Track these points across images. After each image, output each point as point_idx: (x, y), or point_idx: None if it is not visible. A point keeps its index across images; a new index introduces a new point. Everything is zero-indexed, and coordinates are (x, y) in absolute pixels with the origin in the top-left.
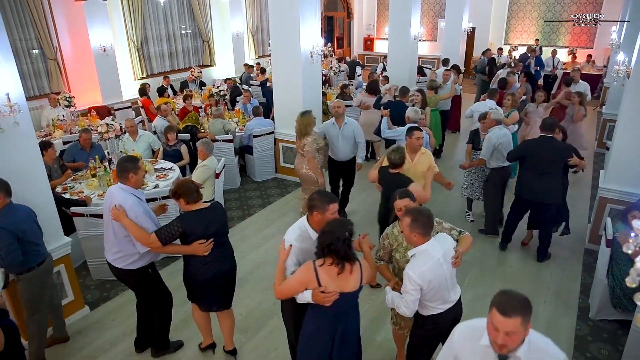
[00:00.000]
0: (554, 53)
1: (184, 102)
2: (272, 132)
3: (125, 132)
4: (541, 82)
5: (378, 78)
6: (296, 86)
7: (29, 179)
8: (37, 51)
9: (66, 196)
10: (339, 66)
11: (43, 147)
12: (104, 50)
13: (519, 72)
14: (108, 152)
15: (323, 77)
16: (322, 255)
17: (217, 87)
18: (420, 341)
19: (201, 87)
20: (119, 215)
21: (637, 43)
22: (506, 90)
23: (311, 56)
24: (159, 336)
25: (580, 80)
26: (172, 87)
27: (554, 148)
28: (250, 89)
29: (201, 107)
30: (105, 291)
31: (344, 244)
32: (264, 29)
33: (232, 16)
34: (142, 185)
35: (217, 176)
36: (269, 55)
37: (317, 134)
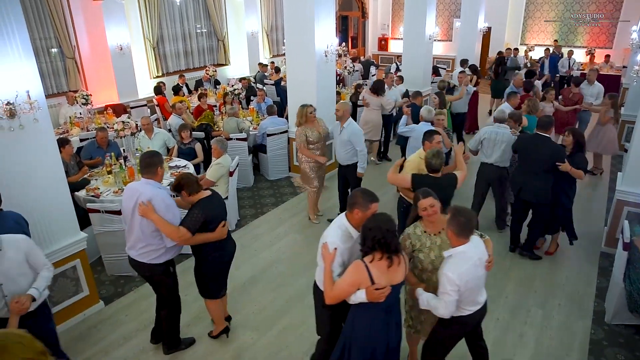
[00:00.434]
0: (570, 54)
1: (199, 101)
2: (286, 131)
3: (140, 130)
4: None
5: (393, 77)
6: (310, 85)
7: (47, 175)
8: (56, 50)
9: (82, 192)
10: (353, 66)
11: (61, 144)
12: (121, 49)
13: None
14: (124, 150)
15: (337, 77)
16: (371, 251)
17: (232, 86)
18: (443, 341)
19: (216, 86)
20: (148, 211)
21: None
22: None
23: (325, 55)
24: (169, 334)
25: (596, 81)
26: (187, 86)
27: (545, 148)
28: (264, 88)
29: (215, 106)
30: (119, 287)
31: (394, 237)
32: (279, 28)
33: (247, 15)
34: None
35: (231, 174)
36: (283, 54)
37: (308, 128)
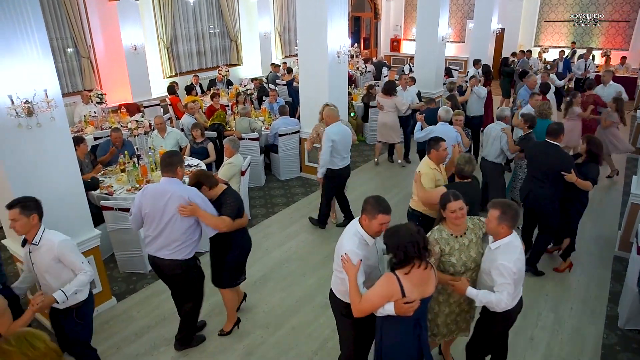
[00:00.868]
0: (587, 55)
1: (211, 101)
2: (298, 132)
3: (154, 129)
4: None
5: (407, 79)
6: (322, 86)
7: (63, 172)
8: (72, 50)
9: (96, 190)
10: (366, 67)
11: (76, 142)
12: (135, 49)
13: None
14: (137, 148)
15: (349, 78)
16: (406, 263)
17: (244, 86)
18: (491, 339)
19: (228, 86)
20: (194, 209)
21: None
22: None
23: (338, 56)
24: (189, 330)
25: (611, 82)
26: (201, 86)
27: (553, 156)
28: (276, 89)
29: (228, 106)
30: (131, 283)
31: (424, 247)
32: (291, 29)
33: (260, 16)
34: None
35: (243, 174)
36: (296, 55)
37: (321, 124)
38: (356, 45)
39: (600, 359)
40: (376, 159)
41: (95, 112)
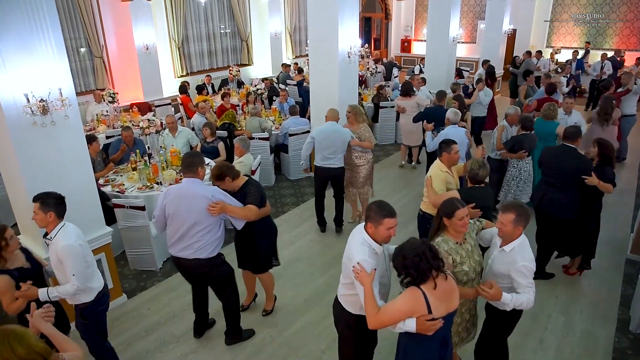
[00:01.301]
0: (604, 57)
1: (222, 100)
2: (308, 131)
3: (165, 128)
4: (586, 87)
5: (418, 79)
6: (333, 86)
7: (76, 170)
8: (85, 49)
9: (108, 188)
10: (376, 67)
11: (88, 141)
12: (147, 48)
13: (567, 76)
14: (148, 147)
15: (359, 78)
16: (426, 277)
17: (255, 86)
18: (503, 339)
19: (239, 86)
20: (223, 207)
21: None
22: (553, 96)
23: (348, 57)
24: (234, 323)
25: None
26: (213, 86)
27: (571, 160)
28: (287, 89)
29: (238, 105)
30: (142, 281)
31: (434, 256)
32: (302, 29)
33: (271, 16)
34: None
35: (253, 173)
36: (306, 55)
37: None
38: (367, 45)
39: None
40: (403, 162)
41: (107, 111)
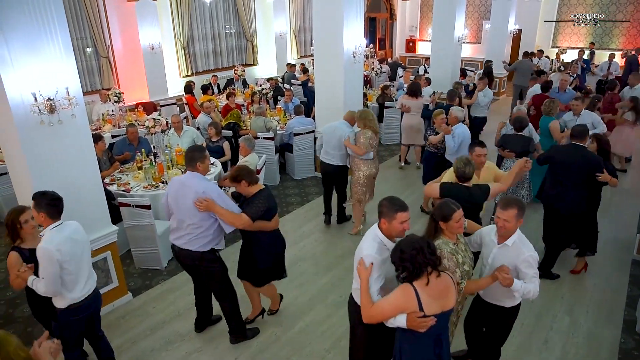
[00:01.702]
0: (612, 57)
1: (227, 100)
2: (313, 131)
3: (170, 127)
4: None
5: (423, 79)
6: (338, 86)
7: (82, 168)
8: (91, 49)
9: (113, 187)
10: (381, 67)
11: (94, 140)
12: (152, 48)
13: (574, 75)
14: (154, 146)
15: (364, 78)
16: (420, 273)
17: (260, 86)
18: (507, 332)
19: (244, 86)
20: (211, 205)
21: None
22: (549, 93)
23: (353, 57)
24: (235, 321)
25: (638, 84)
26: (218, 86)
27: (581, 158)
28: (291, 88)
29: (243, 105)
30: (147, 279)
31: (431, 252)
32: (307, 29)
33: (276, 16)
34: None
35: (258, 172)
36: (311, 55)
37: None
38: (371, 45)
39: None
40: (402, 163)
41: (113, 111)
